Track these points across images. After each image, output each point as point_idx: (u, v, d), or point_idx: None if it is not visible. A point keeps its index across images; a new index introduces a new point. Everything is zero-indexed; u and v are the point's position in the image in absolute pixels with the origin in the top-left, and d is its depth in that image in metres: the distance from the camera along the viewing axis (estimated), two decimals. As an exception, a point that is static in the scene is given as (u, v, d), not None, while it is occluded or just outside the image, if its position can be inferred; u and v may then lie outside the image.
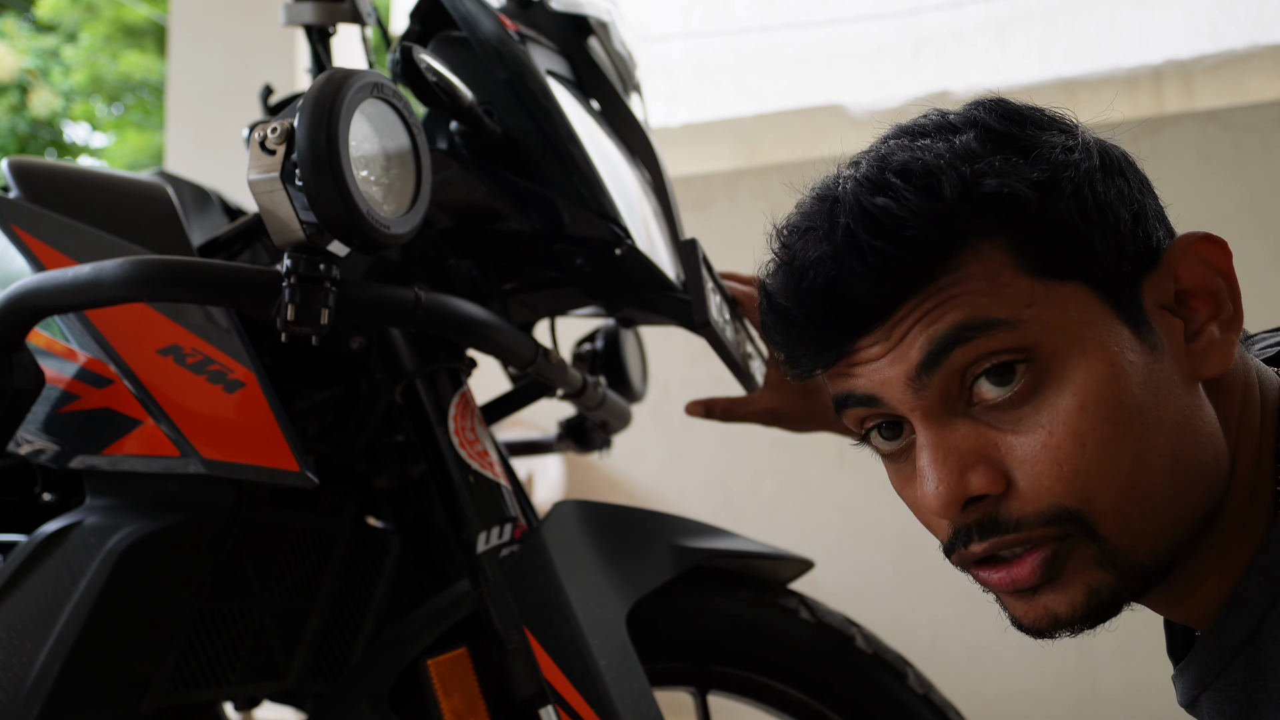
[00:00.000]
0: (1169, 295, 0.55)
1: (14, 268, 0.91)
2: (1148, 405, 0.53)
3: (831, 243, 0.55)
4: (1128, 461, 0.53)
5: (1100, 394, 0.52)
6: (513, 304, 1.08)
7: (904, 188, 0.54)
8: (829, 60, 2.82)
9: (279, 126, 0.71)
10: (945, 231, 0.53)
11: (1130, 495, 0.53)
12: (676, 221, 1.05)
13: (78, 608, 0.83)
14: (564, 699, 0.82)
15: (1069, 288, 0.54)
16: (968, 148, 0.55)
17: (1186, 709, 0.62)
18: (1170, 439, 0.54)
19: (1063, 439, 0.53)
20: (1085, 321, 0.53)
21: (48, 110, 9.75)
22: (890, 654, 0.96)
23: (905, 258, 0.53)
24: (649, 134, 1.07)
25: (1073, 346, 0.53)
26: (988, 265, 0.54)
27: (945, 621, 2.37)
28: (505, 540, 0.90)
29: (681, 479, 2.70)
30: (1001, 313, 0.53)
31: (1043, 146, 0.55)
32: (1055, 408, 0.53)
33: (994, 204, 0.53)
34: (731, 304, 1.01)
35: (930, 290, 0.54)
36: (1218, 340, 0.55)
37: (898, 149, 0.56)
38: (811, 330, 0.57)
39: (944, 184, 0.53)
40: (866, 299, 0.55)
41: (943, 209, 0.53)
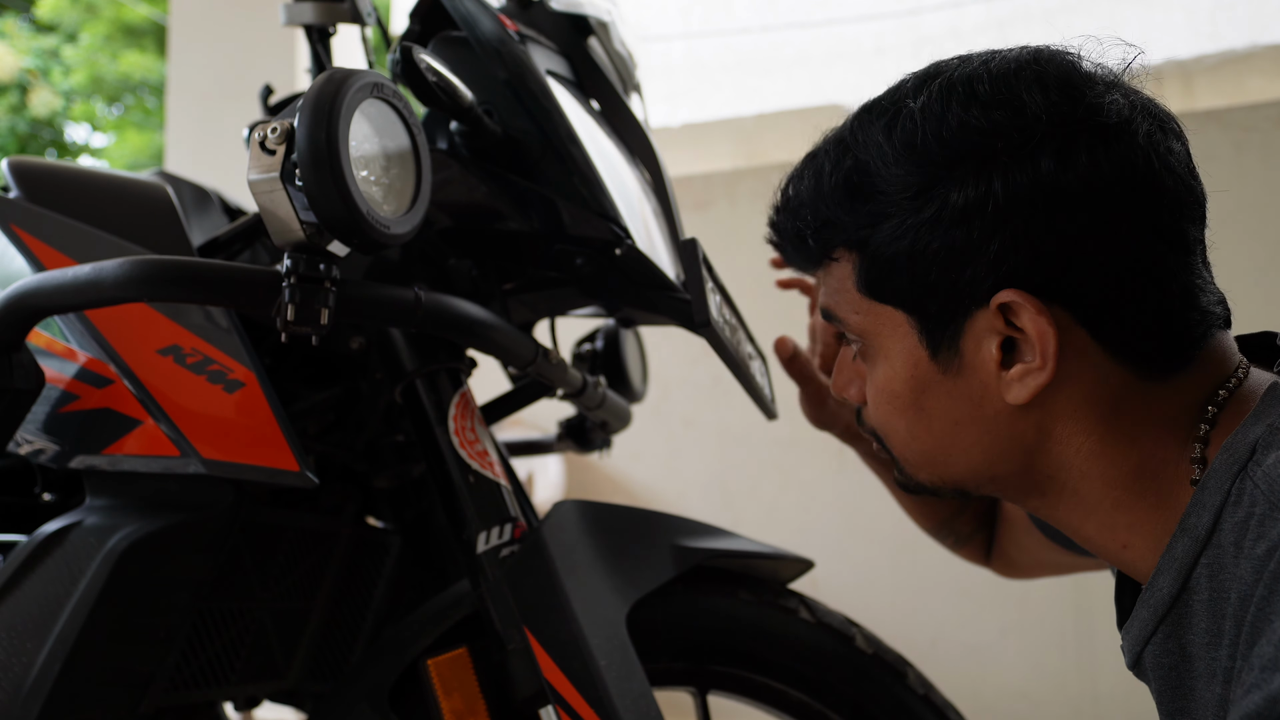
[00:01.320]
0: (1000, 326, 0.65)
1: (14, 268, 0.91)
2: (921, 405, 0.70)
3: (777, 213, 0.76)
4: (902, 430, 0.72)
5: (886, 388, 0.71)
6: (513, 304, 1.08)
7: (790, 201, 0.74)
8: (829, 60, 2.82)
9: (279, 126, 0.71)
10: (813, 245, 0.72)
11: (905, 448, 0.73)
12: (676, 221, 1.05)
13: (78, 608, 0.83)
14: (564, 699, 0.82)
15: (887, 310, 0.69)
16: (831, 181, 0.70)
17: (1133, 669, 0.70)
18: (945, 429, 0.70)
19: (872, 400, 0.74)
20: (891, 336, 0.70)
21: (48, 110, 9.76)
22: (890, 654, 0.96)
23: (795, 252, 0.75)
24: (649, 134, 1.07)
25: (879, 351, 0.71)
26: (843, 271, 0.71)
27: (945, 621, 2.37)
28: (505, 540, 0.90)
29: (681, 479, 2.70)
30: (842, 313, 0.72)
31: (885, 193, 0.66)
32: (872, 378, 0.73)
33: (835, 233, 0.70)
34: (731, 304, 1.01)
35: (822, 269, 0.74)
36: (1016, 381, 0.66)
37: (813, 158, 0.73)
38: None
39: (805, 212, 0.72)
40: (789, 259, 0.77)
41: (807, 229, 0.72)
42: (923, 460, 0.73)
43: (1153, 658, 0.66)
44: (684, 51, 2.94)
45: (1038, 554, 1.07)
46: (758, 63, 2.90)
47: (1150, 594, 0.65)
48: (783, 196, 0.75)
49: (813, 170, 0.72)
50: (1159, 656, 0.66)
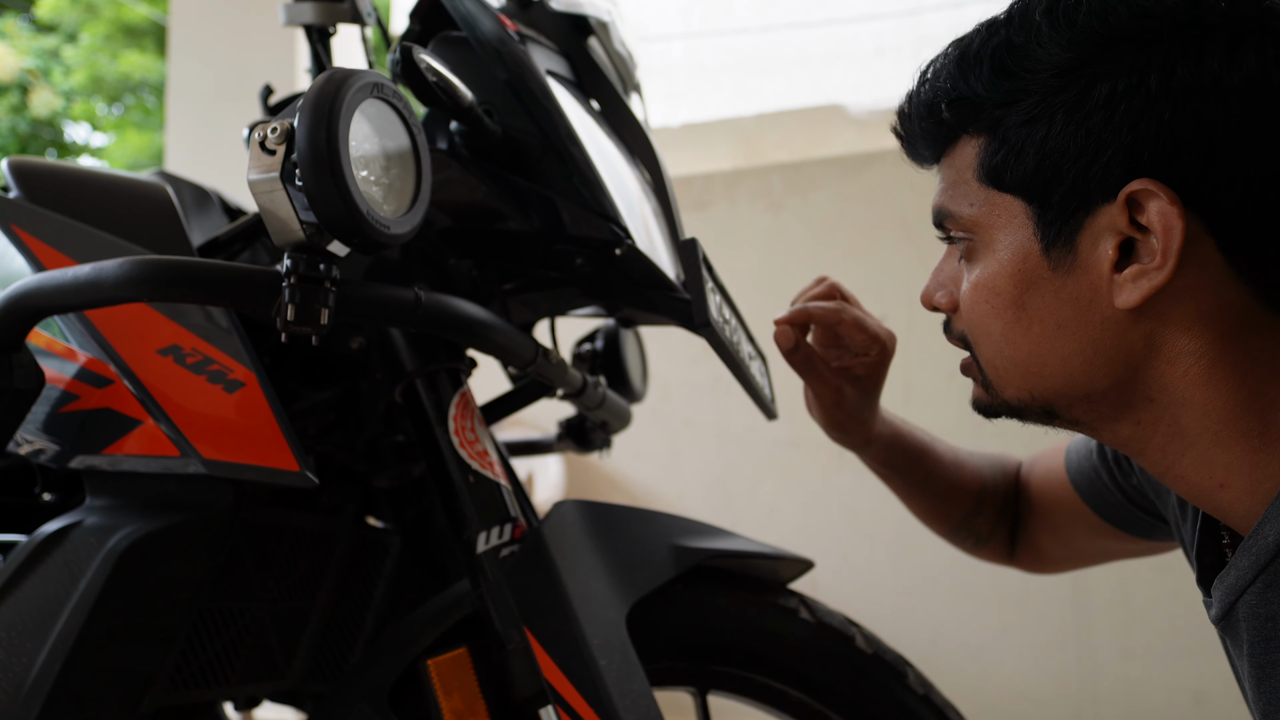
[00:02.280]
0: (1123, 223, 0.63)
1: (14, 268, 0.91)
2: (1024, 304, 0.67)
3: (909, 96, 0.73)
4: (997, 333, 0.70)
5: (988, 283, 0.69)
6: (513, 304, 1.08)
7: (925, 84, 0.71)
8: (829, 60, 2.82)
9: (279, 126, 0.71)
10: (946, 117, 0.69)
11: (997, 355, 0.70)
12: (676, 221, 1.05)
13: (78, 608, 0.83)
14: (564, 699, 0.82)
15: (1006, 199, 0.67)
16: (971, 56, 0.67)
17: (1220, 621, 0.68)
18: (1045, 334, 0.67)
19: (968, 299, 0.71)
20: (1006, 228, 0.68)
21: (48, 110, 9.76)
22: (890, 654, 0.96)
23: (923, 135, 0.72)
24: (649, 134, 1.07)
25: (989, 244, 0.69)
26: (963, 160, 0.69)
27: (945, 621, 2.37)
28: (505, 540, 0.90)
29: (681, 479, 2.70)
30: (957, 206, 0.70)
31: (1031, 71, 0.64)
32: (970, 276, 0.71)
33: (963, 112, 0.68)
34: (731, 304, 1.01)
35: (945, 160, 0.72)
36: (1129, 282, 0.63)
37: (949, 48, 0.70)
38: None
39: (940, 89, 0.69)
40: (917, 151, 0.75)
41: (939, 109, 0.70)
42: (1014, 370, 0.69)
43: (1249, 608, 0.64)
44: (684, 51, 2.94)
45: (1084, 543, 1.01)
46: (758, 63, 2.90)
47: (1253, 542, 0.63)
48: (919, 77, 0.72)
49: (959, 46, 0.69)
50: (1256, 606, 0.63)
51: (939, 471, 1.04)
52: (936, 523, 1.08)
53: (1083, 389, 0.67)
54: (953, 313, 0.74)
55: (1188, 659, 2.22)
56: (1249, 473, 0.63)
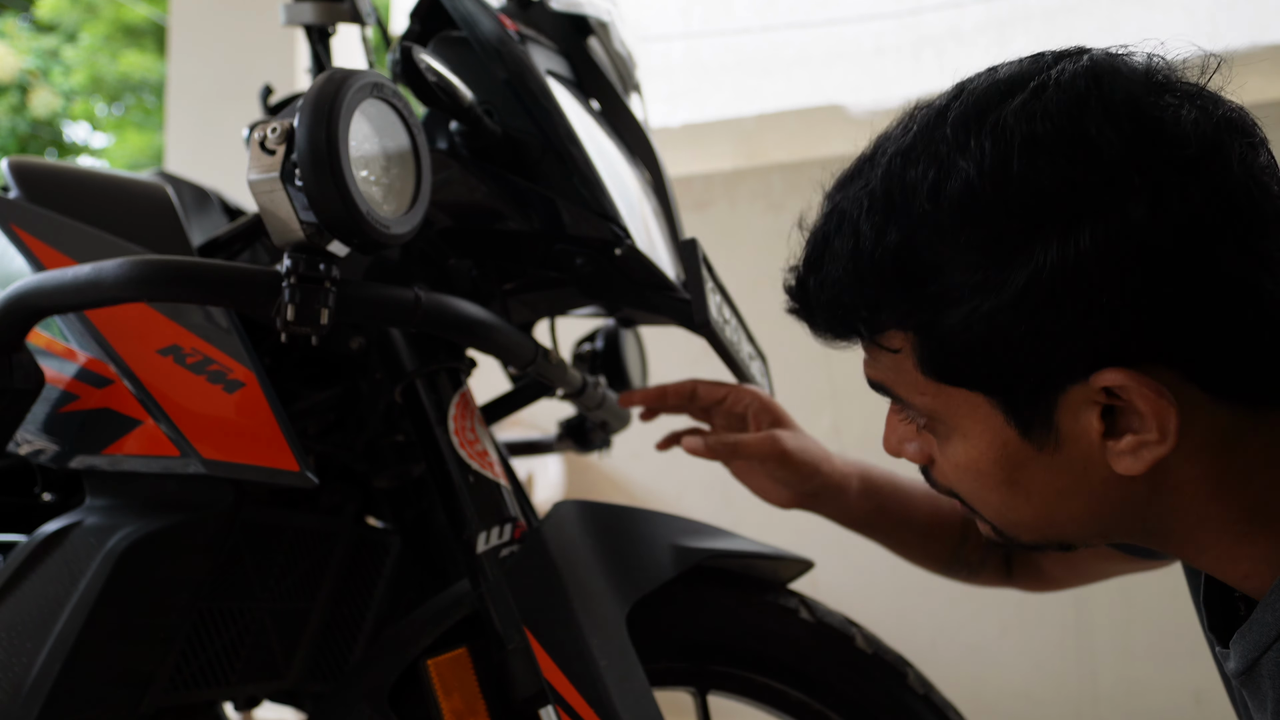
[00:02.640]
0: (1101, 398, 0.58)
1: (14, 268, 0.91)
2: (1016, 480, 0.63)
3: (801, 286, 0.66)
4: (995, 504, 0.65)
5: (971, 467, 0.64)
6: (513, 304, 1.08)
7: (825, 288, 0.63)
8: (829, 60, 2.82)
9: (279, 126, 0.71)
10: (861, 330, 0.63)
11: (1000, 519, 0.66)
12: (676, 221, 1.05)
13: (78, 608, 0.83)
14: (564, 699, 0.82)
15: (960, 392, 0.61)
16: (867, 263, 0.60)
17: (1241, 675, 0.65)
18: (1042, 500, 0.63)
19: (951, 476, 0.66)
20: (969, 417, 0.62)
21: (48, 110, 9.76)
22: (890, 654, 0.96)
23: (827, 329, 0.65)
24: (649, 134, 1.07)
25: (954, 430, 0.63)
26: (898, 355, 0.62)
27: (945, 621, 2.37)
28: (505, 540, 0.90)
29: (681, 479, 2.70)
30: (903, 393, 0.64)
31: (947, 271, 0.57)
32: (945, 455, 0.65)
33: (873, 325, 0.62)
34: (731, 303, 1.01)
35: (865, 343, 0.65)
36: (1128, 454, 0.59)
37: (831, 230, 0.63)
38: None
39: (840, 304, 0.62)
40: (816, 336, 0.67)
41: (845, 320, 0.63)
42: (1023, 528, 0.66)
43: (1274, 664, 0.61)
44: (684, 51, 2.94)
45: (1091, 565, 0.99)
46: (758, 63, 2.89)
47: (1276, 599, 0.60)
48: (808, 263, 0.65)
49: (847, 236, 0.61)
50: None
51: (915, 507, 1.01)
52: (927, 562, 1.05)
53: (1096, 531, 0.65)
54: (929, 465, 0.69)
55: (1188, 659, 2.22)
56: (1274, 559, 0.61)
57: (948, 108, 0.59)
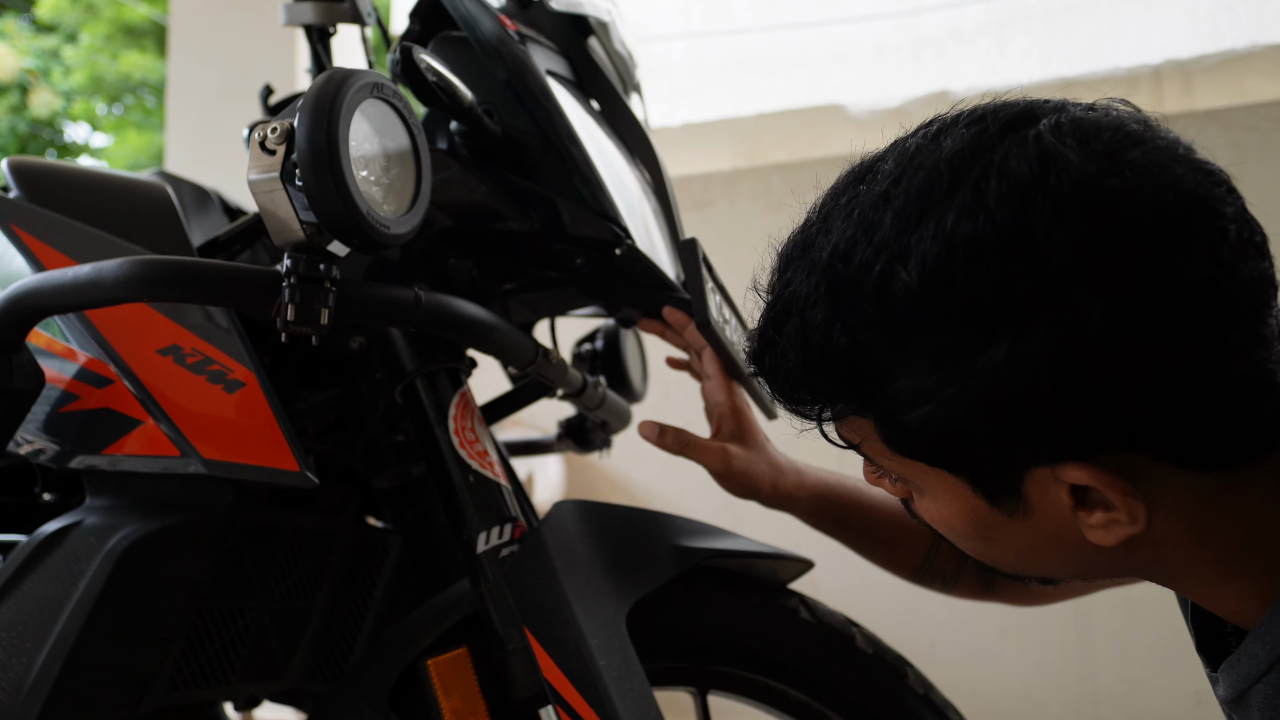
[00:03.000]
0: (1066, 474, 0.56)
1: (14, 268, 0.91)
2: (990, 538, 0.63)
3: (759, 362, 0.65)
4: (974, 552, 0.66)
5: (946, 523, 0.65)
6: (513, 304, 1.08)
7: (779, 378, 0.63)
8: (829, 60, 2.82)
9: (279, 126, 0.71)
10: (815, 416, 0.64)
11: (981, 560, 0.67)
12: (676, 221, 1.05)
13: (78, 608, 0.83)
14: (564, 699, 0.82)
15: (925, 468, 0.61)
16: (817, 357, 0.59)
17: (1231, 703, 0.65)
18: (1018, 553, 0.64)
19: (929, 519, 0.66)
20: (937, 485, 0.62)
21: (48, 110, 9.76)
22: (890, 654, 0.96)
23: (796, 411, 0.64)
24: (649, 134, 1.07)
25: (925, 493, 0.64)
26: (863, 429, 0.62)
27: (945, 621, 2.37)
28: (505, 540, 0.90)
29: (681, 479, 2.70)
30: (870, 454, 0.64)
31: (895, 378, 0.56)
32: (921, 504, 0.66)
33: (831, 413, 0.63)
34: (731, 303, 1.01)
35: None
36: (1100, 529, 0.58)
37: (781, 315, 0.62)
38: None
39: (796, 391, 0.62)
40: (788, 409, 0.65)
41: (803, 404, 0.63)
42: (1004, 567, 0.67)
43: (1263, 697, 0.60)
44: (684, 51, 2.94)
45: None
46: (758, 63, 2.89)
47: (1266, 631, 0.60)
48: (763, 341, 0.63)
49: (796, 324, 0.60)
50: (1272, 698, 0.60)
51: (880, 519, 1.00)
52: (899, 570, 1.03)
53: (1077, 574, 0.67)
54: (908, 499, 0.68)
55: (1188, 659, 2.22)
56: (1262, 594, 0.61)
57: (888, 194, 0.57)
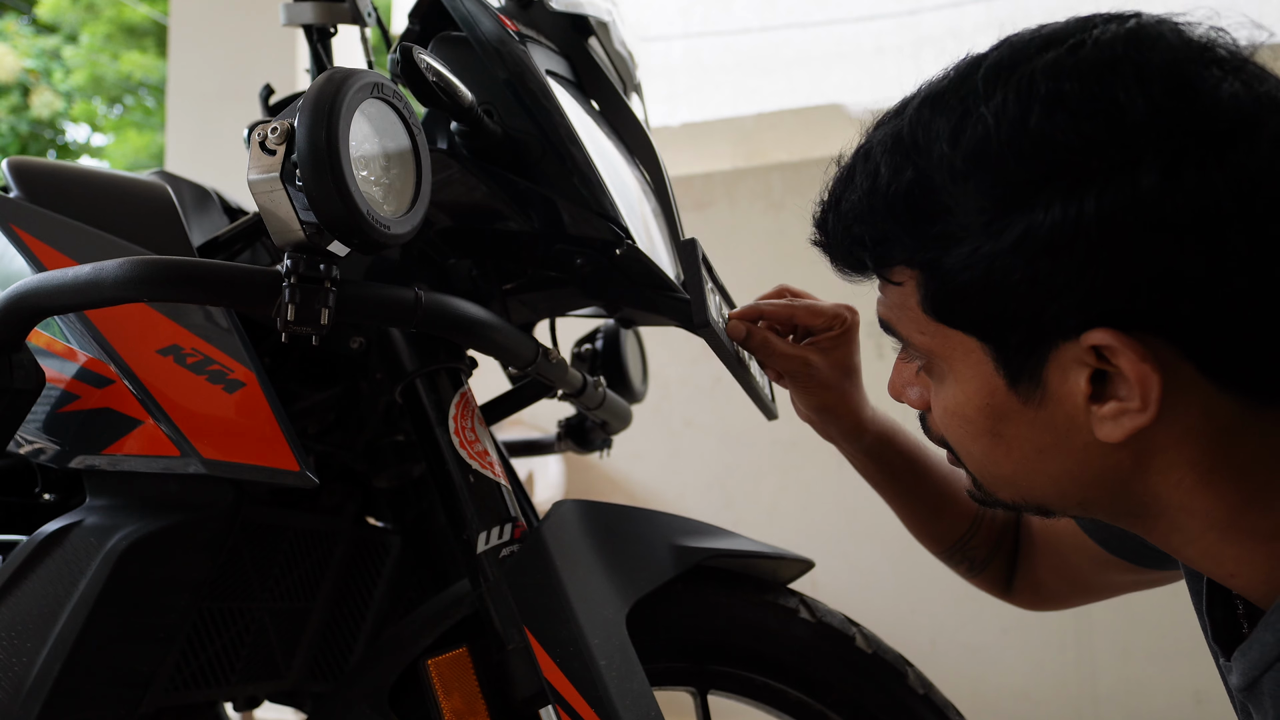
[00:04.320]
0: (1090, 360, 0.58)
1: (14, 268, 0.91)
2: (999, 432, 0.64)
3: (823, 218, 0.68)
4: (978, 454, 0.66)
5: (958, 412, 0.65)
6: (513, 304, 1.08)
7: (841, 219, 0.66)
8: (829, 60, 2.82)
9: (279, 126, 0.71)
10: (868, 262, 0.66)
11: (981, 471, 0.68)
12: (676, 221, 1.05)
13: (78, 608, 0.83)
14: (564, 699, 0.82)
15: (957, 334, 0.62)
16: (882, 196, 0.62)
17: (1244, 691, 0.64)
18: (1022, 456, 0.64)
19: (941, 420, 0.68)
20: (962, 361, 0.63)
21: (48, 111, 9.76)
22: (890, 654, 0.96)
23: (843, 263, 0.68)
24: (649, 134, 1.07)
25: (949, 372, 0.65)
26: (904, 290, 0.64)
27: (945, 621, 2.37)
28: (505, 540, 0.90)
29: (681, 479, 2.70)
30: (905, 330, 0.66)
31: (955, 213, 0.59)
32: (937, 397, 0.68)
33: (881, 256, 0.64)
34: (731, 303, 1.01)
35: (878, 278, 0.67)
36: (1109, 419, 0.59)
37: (853, 167, 0.65)
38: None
39: (852, 234, 0.65)
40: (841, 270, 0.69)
41: (856, 249, 0.66)
42: (1003, 484, 0.67)
43: (1274, 684, 0.60)
44: (684, 51, 2.94)
45: (1088, 575, 0.95)
46: (758, 63, 2.90)
47: (1277, 618, 0.60)
48: (830, 197, 0.67)
49: (867, 173, 0.63)
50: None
51: (933, 481, 0.99)
52: (930, 541, 1.03)
53: (1076, 499, 0.65)
54: (927, 412, 0.70)
55: (1188, 659, 2.22)
56: (1260, 563, 0.60)
57: (985, 58, 0.61)
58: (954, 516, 1.00)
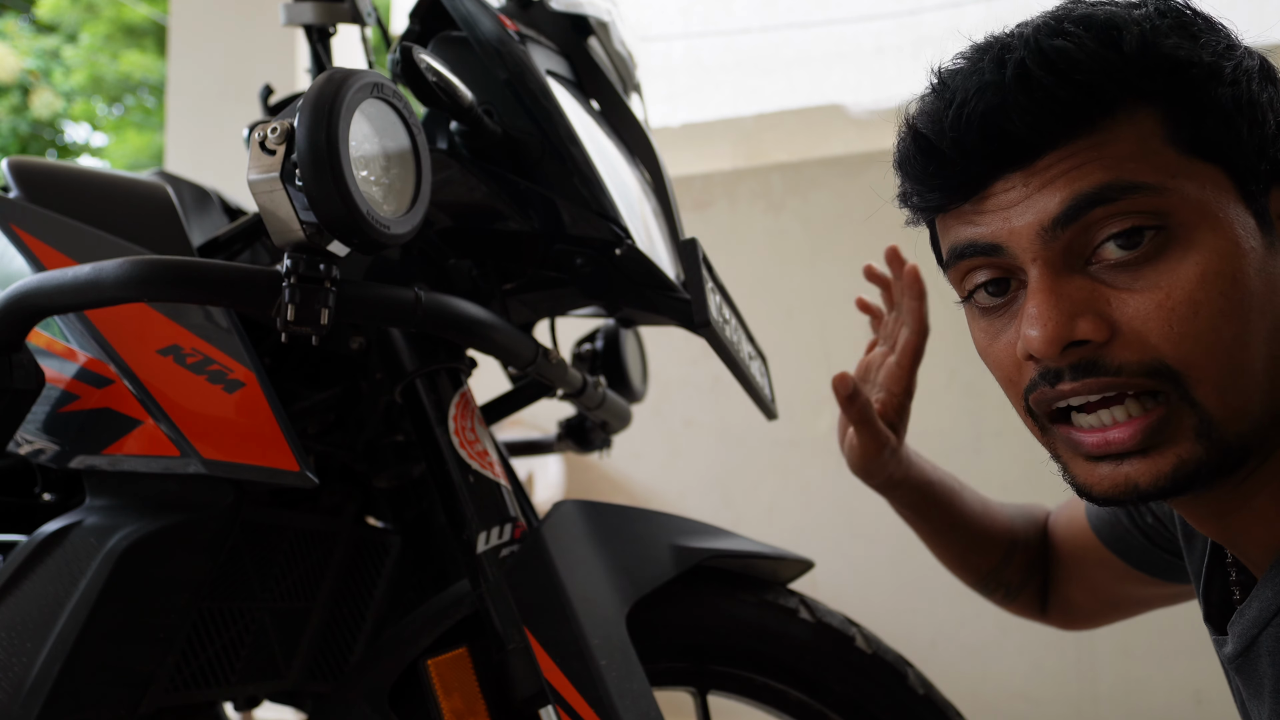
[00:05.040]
0: None
1: (14, 268, 0.91)
2: (1259, 291, 0.57)
3: (999, 76, 0.58)
4: (1231, 337, 0.57)
5: (1222, 269, 0.57)
6: (513, 304, 1.08)
7: (1084, 35, 0.58)
8: (829, 60, 2.83)
9: (279, 126, 0.71)
10: (1114, 82, 0.58)
11: (1229, 370, 0.57)
12: (676, 221, 1.05)
13: (78, 608, 0.83)
14: (564, 699, 0.82)
15: (1210, 169, 0.58)
16: (1148, 16, 0.59)
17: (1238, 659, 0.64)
18: (1272, 329, 0.58)
19: (1179, 301, 0.57)
20: (1219, 202, 0.58)
21: (48, 111, 9.76)
22: (890, 654, 0.96)
23: (1071, 99, 0.57)
24: (649, 134, 1.07)
25: (1204, 220, 0.57)
26: (1141, 130, 0.58)
27: (945, 621, 2.37)
28: (505, 540, 0.90)
29: (681, 479, 2.70)
30: (1148, 178, 0.57)
31: (1211, 35, 0.60)
32: (1176, 273, 0.57)
33: (1166, 67, 0.58)
34: (731, 303, 1.01)
35: (1083, 142, 0.58)
36: None
37: (1077, 7, 0.60)
38: (956, 159, 0.60)
39: (1124, 37, 0.57)
40: (1023, 133, 0.58)
41: (1117, 59, 0.57)
42: (1246, 389, 0.58)
43: (1273, 641, 0.59)
44: (684, 51, 2.94)
45: (1113, 590, 0.96)
46: (758, 63, 2.90)
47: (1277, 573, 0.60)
48: (1041, 54, 0.58)
49: (1100, 18, 0.59)
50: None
51: (967, 517, 1.01)
52: (965, 573, 1.03)
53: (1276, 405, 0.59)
54: (1105, 343, 0.59)
55: (1188, 659, 2.22)
56: None
57: None
58: (990, 547, 1.01)
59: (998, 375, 0.66)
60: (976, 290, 0.65)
